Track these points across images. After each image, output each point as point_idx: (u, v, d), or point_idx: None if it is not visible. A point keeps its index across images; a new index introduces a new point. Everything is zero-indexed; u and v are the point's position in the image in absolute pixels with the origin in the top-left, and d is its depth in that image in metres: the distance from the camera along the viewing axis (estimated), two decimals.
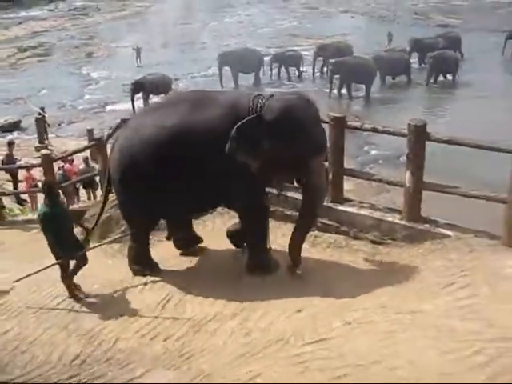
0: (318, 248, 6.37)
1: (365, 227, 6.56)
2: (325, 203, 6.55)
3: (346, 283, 5.86)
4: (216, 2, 46.87)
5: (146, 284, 6.28)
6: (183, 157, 5.85)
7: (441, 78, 22.66)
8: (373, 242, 6.53)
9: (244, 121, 5.67)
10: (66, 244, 5.94)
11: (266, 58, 23.99)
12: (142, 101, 21.55)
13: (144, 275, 6.48)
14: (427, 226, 6.40)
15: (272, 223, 6.94)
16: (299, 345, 4.92)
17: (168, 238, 7.10)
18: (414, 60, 24.60)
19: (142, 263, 6.56)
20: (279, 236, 6.86)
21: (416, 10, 41.15)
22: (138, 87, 21.44)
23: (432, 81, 22.32)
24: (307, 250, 6.55)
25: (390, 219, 6.05)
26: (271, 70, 23.80)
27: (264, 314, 5.51)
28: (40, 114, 19.08)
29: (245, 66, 22.92)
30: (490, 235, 6.24)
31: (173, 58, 28.15)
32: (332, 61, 21.49)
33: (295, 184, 6.50)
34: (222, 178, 5.86)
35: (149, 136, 5.97)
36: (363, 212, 6.64)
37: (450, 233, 6.29)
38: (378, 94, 21.94)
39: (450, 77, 22.65)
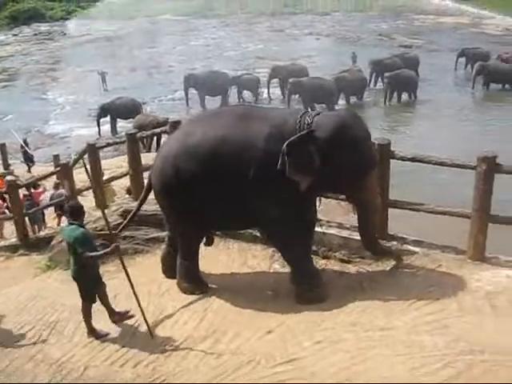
0: (287, 268, 6.37)
1: (333, 246, 6.59)
2: None
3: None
4: (183, 26, 47.09)
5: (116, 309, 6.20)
6: (225, 170, 5.69)
7: (404, 96, 23.02)
8: (341, 260, 6.56)
9: (294, 137, 5.53)
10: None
11: None
12: (109, 125, 21.49)
13: (193, 293, 6.31)
14: (395, 243, 6.46)
15: (242, 244, 6.97)
16: (270, 366, 4.92)
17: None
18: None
19: (193, 281, 6.39)
20: (250, 258, 6.86)
21: (379, 32, 41.87)
22: (104, 111, 21.37)
23: (388, 100, 22.58)
24: (278, 271, 6.57)
25: (357, 238, 6.09)
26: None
27: (235, 335, 5.48)
28: (22, 146, 18.75)
29: (211, 88, 22.99)
30: (457, 250, 6.35)
31: (140, 81, 28.16)
32: (290, 81, 21.64)
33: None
34: (264, 195, 5.69)
35: (194, 146, 5.83)
36: (331, 231, 6.67)
37: (417, 249, 6.37)
38: None
39: (407, 96, 22.97)
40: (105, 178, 9.19)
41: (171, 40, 41.50)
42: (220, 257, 6.93)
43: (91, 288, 5.75)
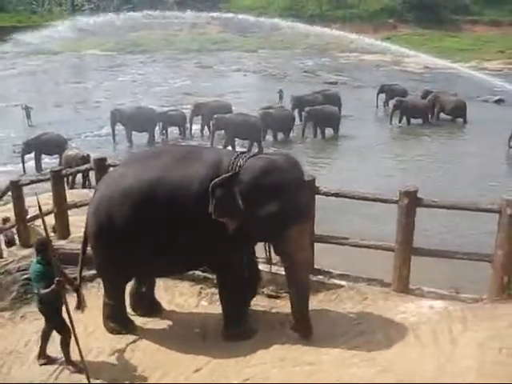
0: (215, 305, 6.34)
1: (261, 282, 6.60)
2: None
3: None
4: (109, 62, 46.80)
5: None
6: (159, 212, 5.58)
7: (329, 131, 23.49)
8: (269, 296, 6.59)
9: (219, 178, 5.45)
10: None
11: None
12: (33, 161, 20.98)
13: (120, 333, 6.13)
14: (321, 277, 6.56)
15: (168, 282, 6.88)
16: None
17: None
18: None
19: (120, 320, 6.21)
20: (177, 295, 6.79)
21: (305, 69, 42.81)
22: (29, 147, 20.86)
23: (313, 136, 22.91)
24: (205, 308, 6.53)
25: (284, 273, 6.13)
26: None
27: (162, 375, 5.40)
28: None
29: (138, 124, 22.81)
30: (382, 283, 6.49)
31: (65, 117, 27.64)
32: (215, 117, 21.70)
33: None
34: (198, 237, 5.57)
35: (128, 188, 5.70)
36: (259, 267, 6.69)
37: (343, 283, 6.48)
38: (267, 149, 22.37)
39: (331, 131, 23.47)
40: (29, 216, 8.93)
41: (98, 75, 41.08)
42: None
43: (54, 317, 5.60)
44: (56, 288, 5.27)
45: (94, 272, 6.58)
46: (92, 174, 11.52)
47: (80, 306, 5.78)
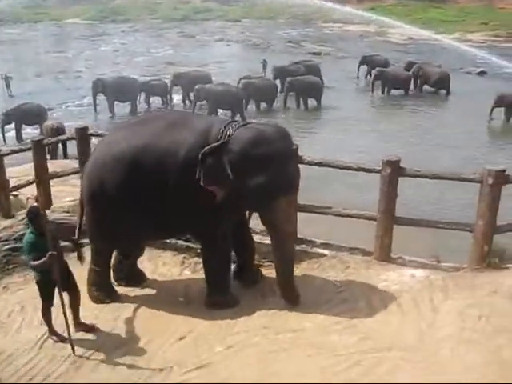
0: (198, 273, 6.36)
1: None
2: None
3: None
4: (91, 31, 46.21)
5: (22, 322, 5.97)
6: (149, 178, 5.59)
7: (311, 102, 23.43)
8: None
9: (208, 147, 5.42)
10: None
11: None
12: (14, 131, 20.76)
13: (103, 302, 6.13)
14: (304, 246, 6.58)
15: (152, 252, 6.89)
16: (183, 372, 4.90)
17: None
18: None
19: (103, 289, 6.20)
20: (160, 265, 6.80)
21: (289, 39, 42.60)
22: (9, 118, 20.62)
23: (296, 106, 22.83)
24: (188, 277, 6.55)
25: (267, 242, 6.13)
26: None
27: (147, 343, 5.41)
28: None
29: (120, 94, 22.61)
30: (364, 251, 6.53)
31: (46, 87, 27.32)
32: (196, 87, 21.53)
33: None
34: (185, 204, 5.57)
35: (118, 154, 5.71)
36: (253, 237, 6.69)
37: (326, 252, 6.52)
38: (249, 119, 22.29)
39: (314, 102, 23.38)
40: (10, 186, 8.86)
41: (79, 45, 40.61)
42: None
43: (45, 288, 5.46)
44: (47, 261, 5.18)
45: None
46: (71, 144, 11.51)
47: (80, 258, 5.88)
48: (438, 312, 5.24)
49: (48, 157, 10.05)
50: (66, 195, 8.38)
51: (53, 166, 9.20)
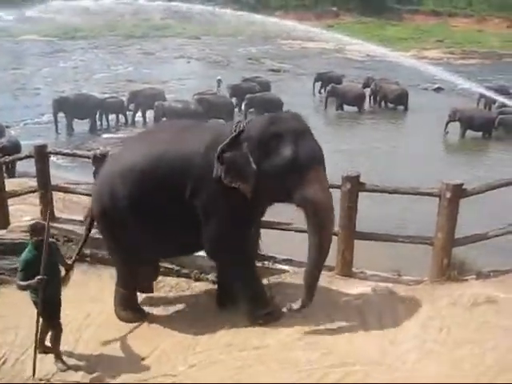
0: (160, 292, 6.31)
1: (205, 268, 6.58)
2: None
3: (190, 325, 5.86)
4: (49, 47, 45.65)
5: None
6: (164, 186, 5.39)
7: None
8: (214, 282, 6.56)
9: (225, 142, 5.27)
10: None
11: None
12: None
13: (130, 322, 5.99)
14: (266, 262, 6.57)
15: (113, 272, 6.78)
16: None
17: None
18: None
19: (130, 309, 6.05)
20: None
21: (249, 56, 42.79)
22: None
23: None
24: (149, 296, 6.47)
25: (203, 253, 6.07)
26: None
27: (109, 362, 5.34)
28: None
29: (80, 111, 22.38)
30: (325, 267, 6.53)
31: (4, 104, 26.82)
32: (156, 104, 21.32)
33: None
34: (206, 209, 5.39)
35: (129, 167, 5.54)
36: (203, 253, 6.66)
37: (287, 267, 6.53)
38: None
39: None
40: None
41: (37, 61, 39.99)
42: (90, 284, 6.71)
43: (43, 308, 5.20)
44: (32, 285, 5.05)
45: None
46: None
47: (66, 280, 5.58)
48: (400, 325, 5.29)
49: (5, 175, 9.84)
50: (24, 214, 8.21)
51: (11, 184, 9.03)
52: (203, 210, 5.40)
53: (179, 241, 5.73)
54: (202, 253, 6.54)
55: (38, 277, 4.99)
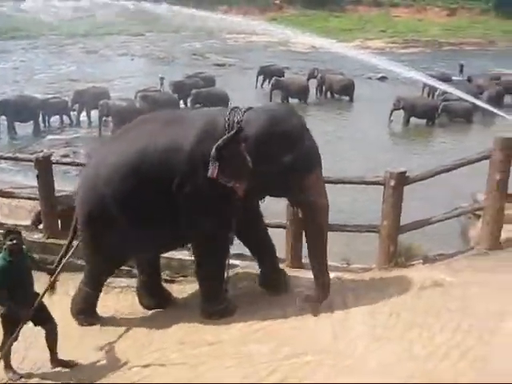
0: (111, 294, 6.25)
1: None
2: None
3: (143, 324, 5.83)
4: None
5: None
6: (152, 182, 5.21)
7: None
8: (165, 280, 6.53)
9: (221, 140, 5.06)
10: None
11: None
12: None
13: (84, 325, 5.84)
14: None
15: (64, 275, 6.69)
16: None
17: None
18: None
19: (88, 312, 5.88)
20: (71, 287, 6.59)
21: (193, 51, 42.58)
22: None
23: None
24: (101, 298, 6.40)
25: (179, 257, 6.10)
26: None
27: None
28: None
29: (22, 114, 21.86)
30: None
31: None
32: (101, 103, 21.01)
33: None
34: (194, 204, 5.23)
35: (113, 165, 5.32)
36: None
37: (237, 262, 6.54)
38: None
39: None
40: None
41: None
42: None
43: (5, 322, 5.07)
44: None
45: None
46: None
47: (53, 288, 5.42)
48: (350, 313, 5.37)
49: None
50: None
51: None
52: (191, 204, 5.27)
53: (167, 237, 5.60)
54: None
55: None
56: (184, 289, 6.28)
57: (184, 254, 6.57)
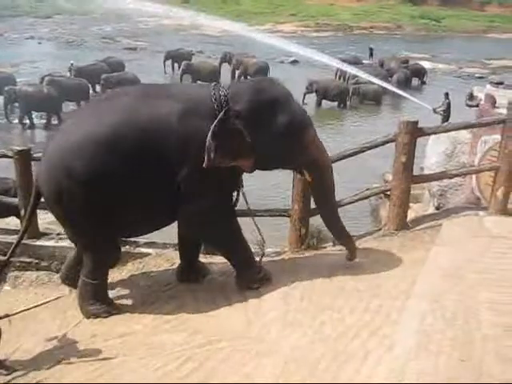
0: (20, 288, 6.04)
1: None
2: (23, 240, 5.77)
3: (53, 319, 5.67)
4: None
5: None
6: (137, 155, 4.79)
7: None
8: None
9: (216, 121, 4.80)
10: None
11: None
12: None
13: (102, 316, 5.35)
14: (127, 247, 6.43)
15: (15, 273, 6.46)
16: None
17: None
18: None
19: (100, 302, 5.36)
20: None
21: (103, 35, 41.65)
22: None
23: None
24: (8, 292, 6.19)
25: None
26: None
27: None
28: None
29: None
30: None
31: None
32: (6, 89, 20.28)
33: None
34: (180, 180, 4.93)
35: (85, 138, 4.76)
36: (62, 244, 6.42)
37: (150, 250, 6.46)
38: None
39: None
40: None
41: None
42: None
43: None
44: None
45: None
46: None
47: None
48: (262, 298, 5.40)
49: None
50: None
51: None
52: (187, 181, 4.99)
53: (154, 215, 5.28)
54: (61, 243, 6.37)
55: None
56: None
57: None
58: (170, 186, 4.99)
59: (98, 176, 4.80)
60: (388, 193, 6.96)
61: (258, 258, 5.69)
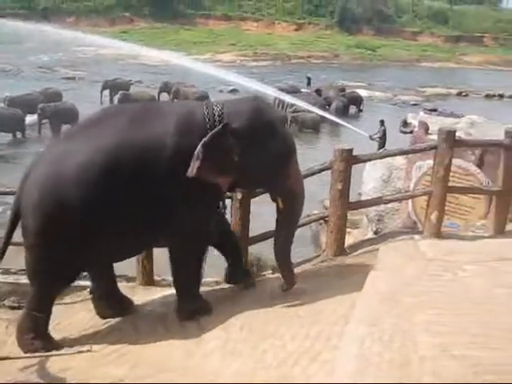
0: None
1: (1, 294, 6.23)
2: None
3: None
4: None
5: None
6: (130, 182, 4.72)
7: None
8: (12, 307, 6.21)
9: (209, 136, 4.75)
10: None
11: None
12: None
13: (40, 351, 5.02)
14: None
15: None
16: None
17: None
18: None
19: (40, 337, 5.08)
20: None
21: (40, 64, 41.10)
22: None
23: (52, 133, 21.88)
24: None
25: (25, 281, 5.79)
26: None
27: None
28: None
29: None
30: (128, 278, 6.50)
31: None
32: None
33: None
34: (175, 201, 4.89)
35: (80, 164, 4.61)
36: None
37: (89, 283, 6.35)
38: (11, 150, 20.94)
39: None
40: None
41: None
42: None
43: None
44: None
45: None
46: None
47: None
48: (203, 328, 5.37)
49: None
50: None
51: None
52: (179, 204, 4.96)
53: (142, 240, 5.29)
54: None
55: None
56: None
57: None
58: (161, 207, 4.94)
59: (94, 205, 4.73)
60: (326, 219, 7.07)
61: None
